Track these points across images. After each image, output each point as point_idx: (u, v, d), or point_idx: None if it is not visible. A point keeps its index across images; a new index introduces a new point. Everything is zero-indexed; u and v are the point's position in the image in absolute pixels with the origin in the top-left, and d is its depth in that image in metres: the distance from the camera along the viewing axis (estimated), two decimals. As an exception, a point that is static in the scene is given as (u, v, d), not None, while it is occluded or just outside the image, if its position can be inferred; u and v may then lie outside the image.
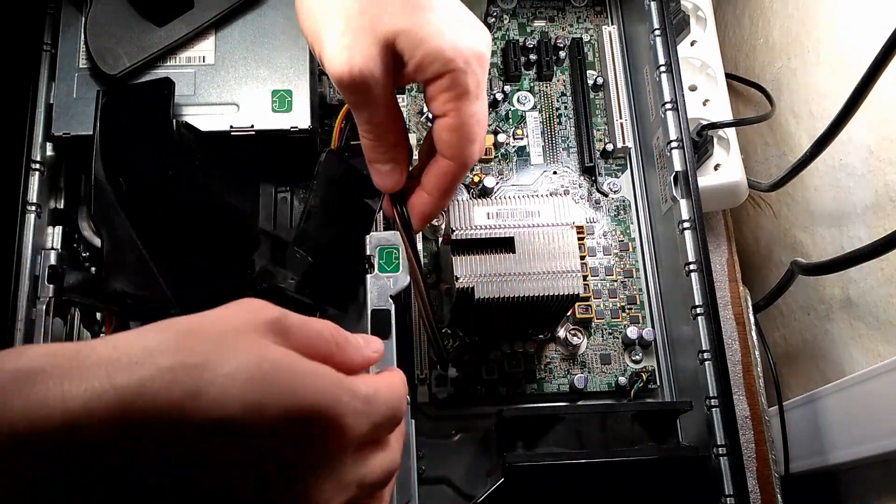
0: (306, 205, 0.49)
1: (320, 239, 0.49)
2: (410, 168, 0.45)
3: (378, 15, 0.39)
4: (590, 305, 0.58)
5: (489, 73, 0.64)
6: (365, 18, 0.39)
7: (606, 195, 0.62)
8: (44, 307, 0.49)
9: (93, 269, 0.53)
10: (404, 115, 0.62)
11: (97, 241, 0.52)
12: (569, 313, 0.57)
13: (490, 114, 0.63)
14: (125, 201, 0.48)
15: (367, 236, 0.48)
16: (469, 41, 0.39)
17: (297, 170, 0.54)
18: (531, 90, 0.65)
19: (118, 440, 0.25)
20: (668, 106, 0.57)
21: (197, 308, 0.29)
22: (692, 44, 0.67)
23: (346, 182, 0.49)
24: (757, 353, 0.66)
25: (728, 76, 0.69)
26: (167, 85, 0.50)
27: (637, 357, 0.58)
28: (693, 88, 0.66)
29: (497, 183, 0.61)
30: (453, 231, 0.49)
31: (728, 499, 0.49)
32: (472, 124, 0.40)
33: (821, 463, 0.63)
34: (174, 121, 0.49)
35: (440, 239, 0.58)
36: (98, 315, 0.53)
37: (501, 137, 0.62)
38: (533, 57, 0.65)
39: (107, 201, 0.48)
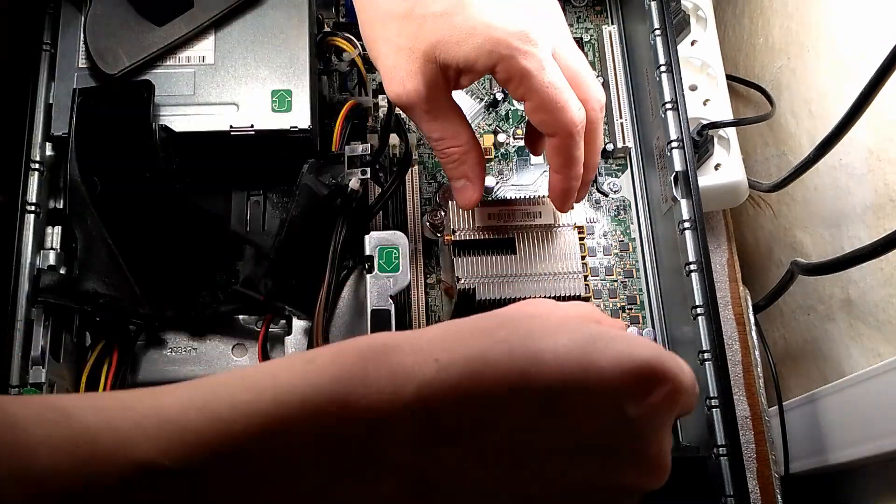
0: (288, 215, 0.49)
1: (300, 249, 0.49)
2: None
3: (413, 32, 0.39)
4: (590, 305, 0.58)
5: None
6: (403, 38, 0.40)
7: (606, 195, 0.62)
8: (43, 307, 0.49)
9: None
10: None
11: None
12: (569, 313, 0.57)
13: (490, 114, 0.63)
14: (99, 201, 0.48)
15: (367, 236, 0.48)
16: (504, 23, 0.38)
17: (270, 173, 0.54)
18: (531, 90, 0.64)
19: (464, 407, 0.26)
20: (669, 106, 0.57)
21: (166, 307, 0.29)
22: (692, 43, 0.67)
23: (326, 193, 0.49)
24: (757, 353, 0.66)
25: (728, 77, 0.69)
26: (147, 87, 0.50)
27: (637, 357, 0.57)
28: (693, 88, 0.66)
29: (497, 183, 0.61)
30: (454, 231, 0.49)
31: (728, 499, 0.49)
32: (549, 97, 0.40)
33: (821, 463, 0.63)
34: (153, 124, 0.49)
35: (440, 238, 0.58)
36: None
37: (501, 137, 0.62)
38: (533, 57, 0.65)
39: (81, 200, 0.48)
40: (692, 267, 0.53)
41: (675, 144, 0.56)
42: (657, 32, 0.58)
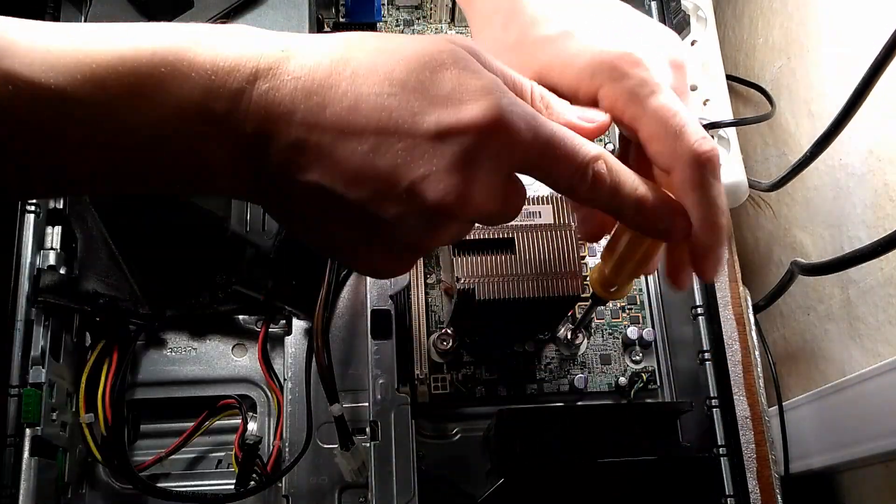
0: None
1: (300, 249, 0.49)
2: None
3: (524, 61, 0.38)
4: (590, 305, 0.58)
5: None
6: (513, 70, 0.38)
7: (606, 195, 0.62)
8: (43, 307, 0.49)
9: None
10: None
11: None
12: (569, 314, 0.57)
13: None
14: (99, 201, 0.48)
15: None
16: (610, 46, 0.36)
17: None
18: (531, 90, 0.64)
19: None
20: (669, 106, 0.57)
21: (166, 307, 0.28)
22: (692, 43, 0.67)
23: None
24: (757, 353, 0.66)
25: (728, 77, 0.69)
26: None
27: (637, 357, 0.58)
28: (693, 88, 0.66)
29: (497, 183, 0.61)
30: (453, 231, 0.49)
31: (728, 499, 0.49)
32: (663, 119, 0.35)
33: (821, 463, 0.63)
34: None
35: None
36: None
37: (501, 137, 0.62)
38: (533, 57, 0.64)
39: (81, 200, 0.48)
40: (692, 267, 0.53)
41: (675, 144, 0.56)
42: (657, 32, 0.58)
